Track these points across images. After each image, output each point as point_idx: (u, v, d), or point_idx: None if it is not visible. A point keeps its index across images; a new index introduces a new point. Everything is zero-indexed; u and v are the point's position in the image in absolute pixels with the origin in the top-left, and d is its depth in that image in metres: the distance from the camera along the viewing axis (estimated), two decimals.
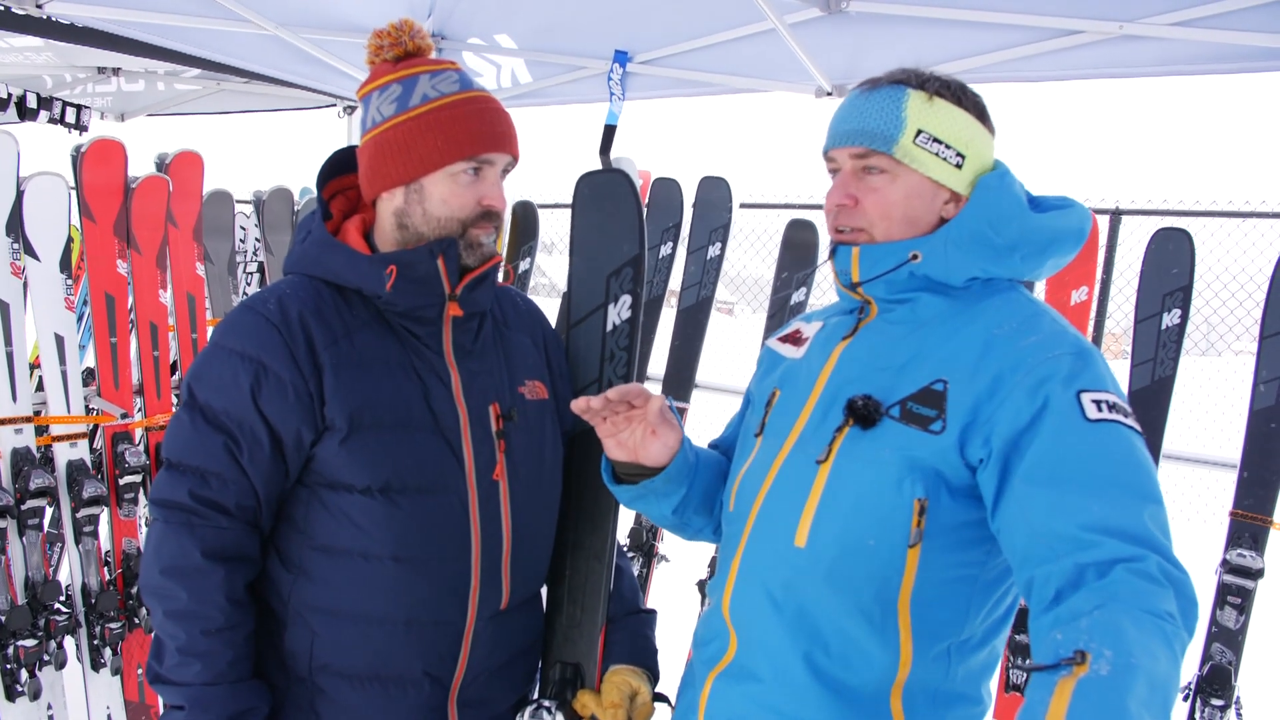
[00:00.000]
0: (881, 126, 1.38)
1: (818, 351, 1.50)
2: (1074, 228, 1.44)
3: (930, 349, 1.37)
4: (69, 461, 2.85)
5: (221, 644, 1.45)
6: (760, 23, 3.22)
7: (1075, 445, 1.24)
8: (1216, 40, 2.72)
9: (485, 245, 1.56)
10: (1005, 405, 1.28)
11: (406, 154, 1.50)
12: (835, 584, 1.34)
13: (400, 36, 1.55)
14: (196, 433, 1.47)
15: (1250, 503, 2.68)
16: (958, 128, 1.39)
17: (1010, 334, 1.34)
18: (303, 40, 3.69)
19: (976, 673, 1.40)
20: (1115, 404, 1.27)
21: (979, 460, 1.29)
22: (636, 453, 1.53)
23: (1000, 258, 1.39)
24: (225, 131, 6.32)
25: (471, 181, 1.52)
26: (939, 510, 1.31)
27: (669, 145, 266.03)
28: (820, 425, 1.40)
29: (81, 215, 2.96)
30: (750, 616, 1.42)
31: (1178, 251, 2.82)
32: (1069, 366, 1.28)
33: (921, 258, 1.39)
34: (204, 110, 5.47)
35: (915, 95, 1.39)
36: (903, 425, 1.33)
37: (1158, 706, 1.03)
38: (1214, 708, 2.61)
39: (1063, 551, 1.18)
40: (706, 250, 3.55)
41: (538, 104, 4.19)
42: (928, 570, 1.32)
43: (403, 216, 1.54)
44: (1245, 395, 2.74)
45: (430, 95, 1.51)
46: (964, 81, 1.45)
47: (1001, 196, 1.40)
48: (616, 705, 1.62)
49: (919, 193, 1.40)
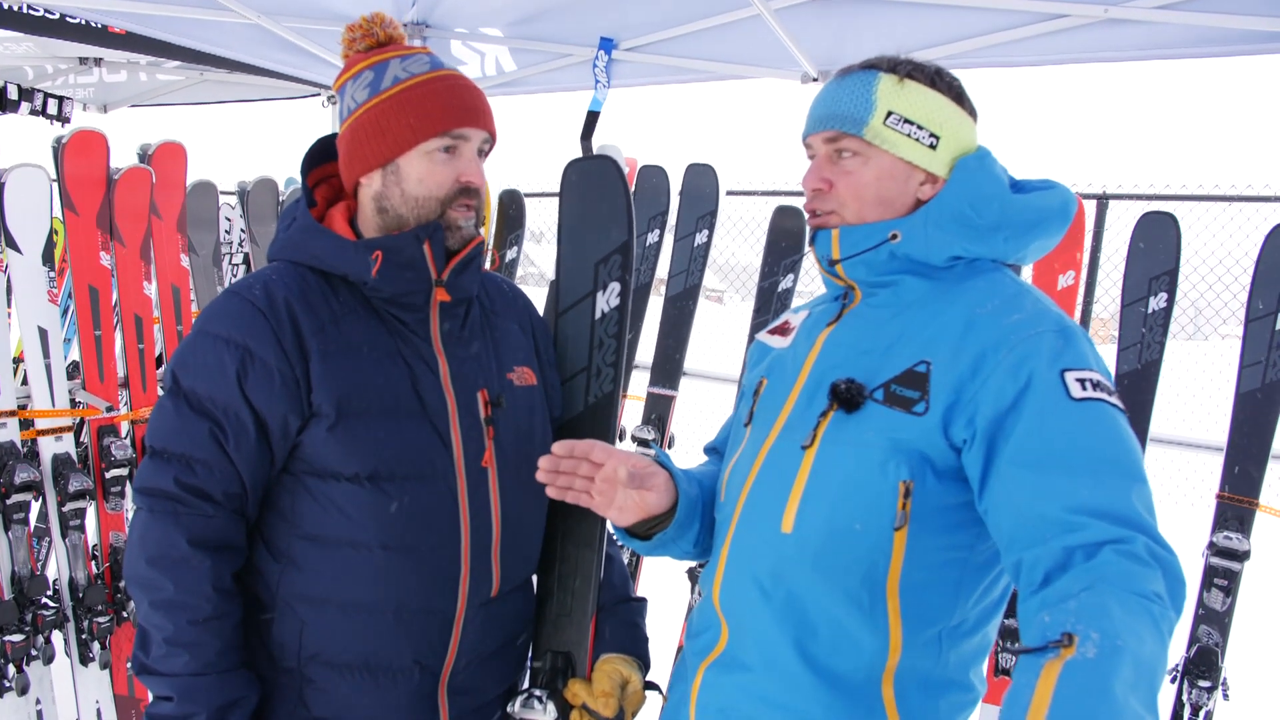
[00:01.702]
0: (852, 110, 1.40)
1: (803, 339, 1.51)
2: (1057, 207, 1.44)
3: (913, 331, 1.37)
4: (54, 455, 2.84)
5: (209, 634, 1.44)
6: (746, 9, 3.20)
7: (1060, 425, 1.24)
8: (1202, 23, 2.72)
9: (464, 228, 1.56)
10: (988, 385, 1.28)
11: (381, 135, 1.51)
12: (823, 569, 1.34)
13: (371, 28, 1.57)
14: (181, 419, 1.46)
15: (1236, 486, 2.70)
16: (930, 109, 1.40)
17: (992, 313, 1.34)
18: (285, 29, 3.66)
19: (969, 659, 1.40)
20: (1099, 382, 1.27)
21: (963, 441, 1.29)
22: (639, 511, 1.51)
23: (982, 237, 1.39)
24: (209, 122, 6.29)
25: (447, 159, 1.52)
26: (925, 492, 1.31)
27: (655, 132, 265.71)
28: (805, 411, 1.40)
29: (64, 207, 2.94)
30: (739, 605, 1.42)
31: (1164, 235, 2.83)
32: (1051, 345, 1.28)
33: (901, 237, 1.39)
34: (187, 101, 5.43)
35: (886, 78, 1.40)
36: (886, 408, 1.33)
37: (1144, 688, 1.04)
38: (1201, 689, 2.63)
39: (1050, 534, 1.18)
40: (694, 238, 3.55)
41: (523, 92, 4.17)
42: (915, 554, 1.32)
43: (381, 200, 1.54)
44: (1231, 378, 2.76)
45: (401, 76, 1.52)
46: (946, 66, 1.45)
47: (981, 177, 1.40)
48: (608, 694, 1.62)
49: (891, 174, 1.40)
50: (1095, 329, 4.86)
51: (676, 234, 3.58)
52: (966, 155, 1.42)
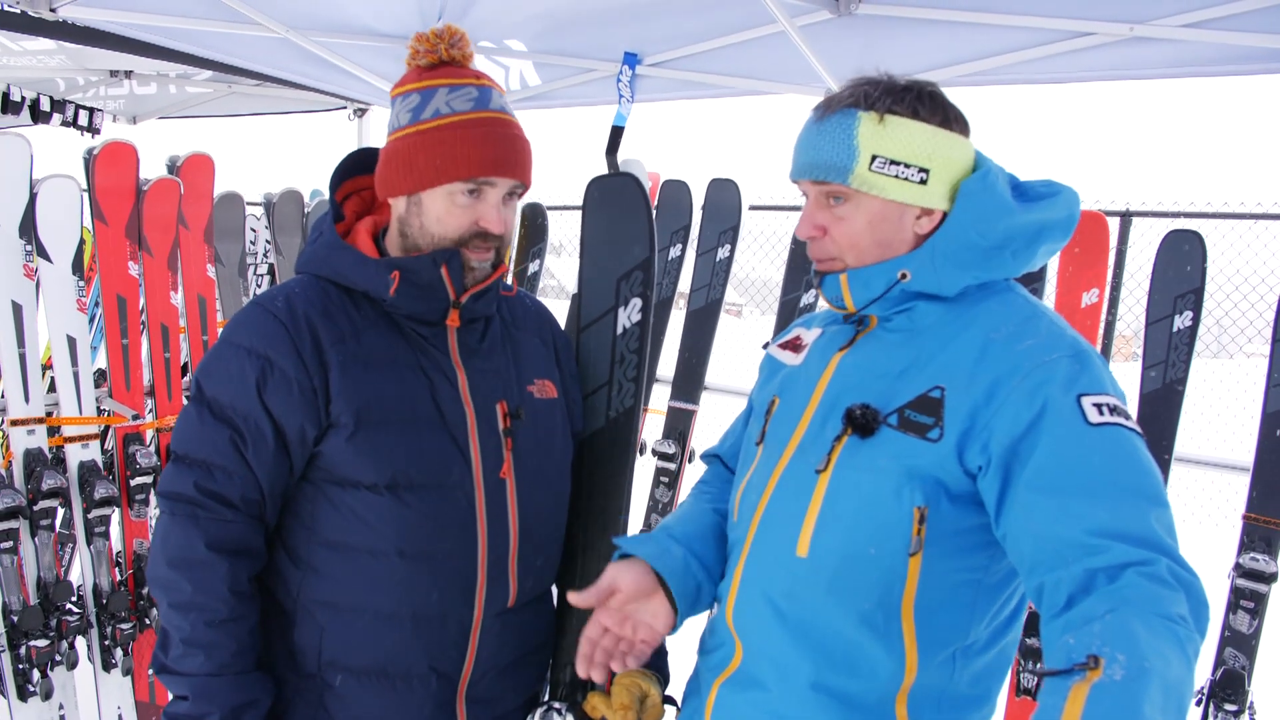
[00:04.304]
0: (835, 158, 1.36)
1: (816, 359, 1.49)
2: (1062, 216, 1.41)
3: (928, 356, 1.36)
4: (81, 462, 2.87)
5: (225, 635, 1.46)
6: (770, 25, 3.21)
7: (1078, 450, 1.22)
8: (1227, 42, 2.71)
9: (477, 269, 1.56)
10: (1003, 411, 1.27)
11: (409, 167, 1.51)
12: (837, 593, 1.34)
13: (437, 44, 1.55)
14: (203, 426, 1.49)
15: (1263, 506, 2.67)
16: (916, 144, 1.35)
17: (1007, 337, 1.33)
18: (312, 43, 3.70)
19: (983, 676, 1.39)
20: (1116, 406, 1.26)
21: (978, 467, 1.29)
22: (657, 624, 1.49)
23: (990, 259, 1.37)
24: (236, 134, 6.36)
25: (469, 203, 1.52)
26: (939, 518, 1.30)
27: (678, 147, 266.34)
28: (819, 434, 1.40)
29: (93, 217, 2.98)
30: (754, 625, 1.42)
31: (1189, 253, 2.81)
32: (1067, 370, 1.27)
33: (911, 276, 1.37)
34: (215, 113, 5.48)
35: (866, 119, 1.35)
36: (900, 434, 1.32)
37: (1173, 711, 1.03)
38: (1227, 713, 2.59)
39: (1072, 558, 1.17)
40: (716, 252, 3.55)
41: (547, 106, 4.19)
42: (930, 577, 1.31)
43: (404, 225, 1.56)
44: (1257, 398, 2.72)
45: (442, 111, 1.51)
46: (971, 84, 1.42)
47: (985, 200, 1.37)
48: (627, 707, 1.62)
49: (884, 217, 1.38)
50: (1118, 347, 4.82)
51: (699, 248, 3.58)
52: (967, 179, 1.38)
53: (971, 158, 1.41)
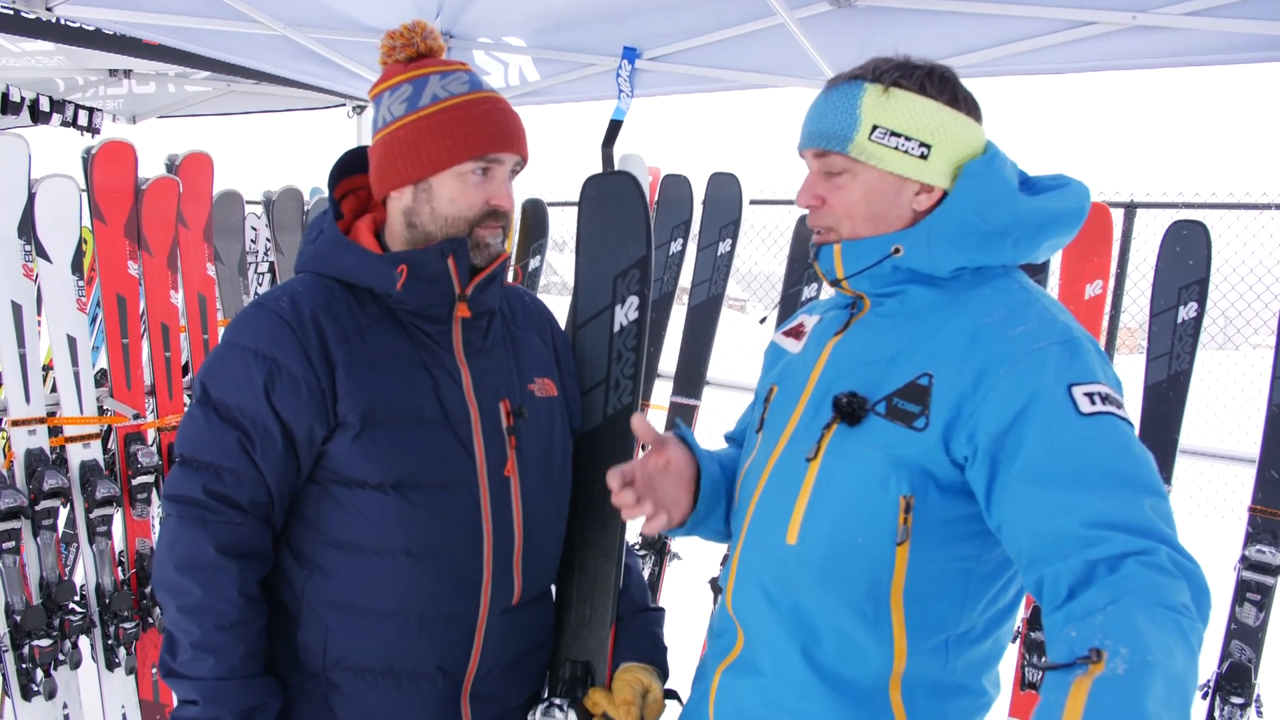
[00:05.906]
0: (837, 126, 1.36)
1: (813, 345, 1.50)
2: (1070, 208, 1.40)
3: (919, 341, 1.35)
4: (82, 462, 2.86)
5: (235, 639, 1.45)
6: (769, 18, 3.21)
7: (1071, 441, 1.21)
8: (1230, 30, 2.69)
9: (492, 245, 1.57)
10: (989, 400, 1.25)
11: (415, 153, 1.51)
12: (826, 581, 1.34)
13: (412, 38, 1.56)
14: (210, 429, 1.48)
15: (1269, 498, 2.65)
16: (919, 117, 1.35)
17: (998, 323, 1.31)
18: (311, 40, 3.69)
19: (978, 664, 1.39)
20: (1108, 395, 1.24)
21: (964, 457, 1.28)
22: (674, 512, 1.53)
23: (989, 245, 1.36)
24: (235, 132, 6.35)
25: (480, 181, 1.53)
26: (927, 507, 1.29)
27: (679, 141, 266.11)
28: (811, 422, 1.40)
29: (93, 217, 2.97)
30: (750, 612, 1.43)
31: (1194, 244, 2.80)
32: (1057, 359, 1.26)
33: (903, 251, 1.36)
34: (214, 111, 5.49)
35: (871, 89, 1.35)
36: (887, 422, 1.31)
37: (1176, 704, 1.02)
38: (1233, 706, 2.58)
39: (1070, 550, 1.16)
40: (717, 247, 3.55)
41: (547, 102, 4.19)
42: (919, 566, 1.30)
43: (411, 215, 1.55)
44: (1263, 389, 2.71)
45: (440, 95, 1.52)
46: (973, 74, 1.42)
47: (989, 183, 1.36)
48: (629, 702, 1.62)
49: (880, 189, 1.37)
50: (1123, 338, 4.81)
51: (700, 243, 3.58)
52: (973, 159, 1.37)
53: (981, 142, 1.40)
